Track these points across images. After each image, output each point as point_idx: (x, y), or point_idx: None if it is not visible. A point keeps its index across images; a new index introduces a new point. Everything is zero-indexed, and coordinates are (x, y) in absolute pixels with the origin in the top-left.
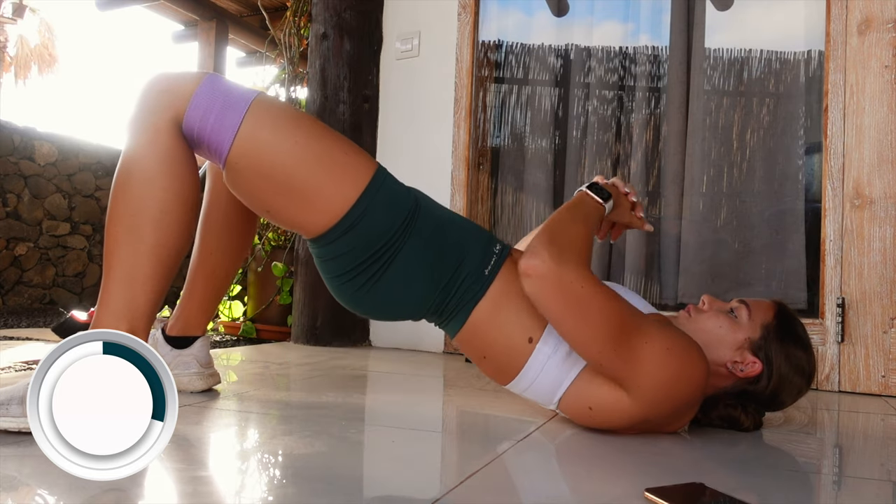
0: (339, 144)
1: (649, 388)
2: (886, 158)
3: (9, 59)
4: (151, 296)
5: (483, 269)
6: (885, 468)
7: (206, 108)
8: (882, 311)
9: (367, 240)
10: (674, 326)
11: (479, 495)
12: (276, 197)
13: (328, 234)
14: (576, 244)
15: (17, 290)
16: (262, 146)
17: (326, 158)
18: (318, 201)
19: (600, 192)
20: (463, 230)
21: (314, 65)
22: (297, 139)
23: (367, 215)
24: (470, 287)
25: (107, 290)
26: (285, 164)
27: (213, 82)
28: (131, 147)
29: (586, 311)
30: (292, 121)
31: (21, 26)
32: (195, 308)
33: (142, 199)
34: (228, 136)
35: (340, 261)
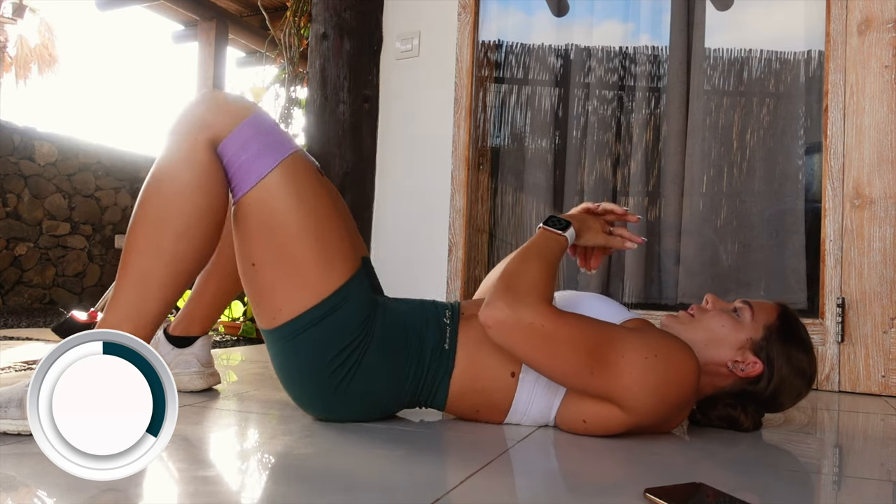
0: (339, 230)
1: (638, 399)
2: (886, 158)
3: (9, 59)
4: (162, 304)
5: (442, 344)
6: (885, 468)
7: (245, 143)
8: (882, 311)
9: (341, 331)
10: (655, 329)
11: (479, 495)
12: (267, 253)
13: (301, 317)
14: (531, 283)
15: (17, 290)
16: (279, 202)
17: (327, 240)
18: (303, 276)
19: (558, 223)
20: (410, 316)
21: (314, 65)
22: (310, 211)
23: (345, 304)
24: (439, 366)
25: (118, 292)
26: (291, 229)
27: (262, 120)
28: (168, 155)
29: (554, 347)
30: (313, 192)
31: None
32: (202, 310)
33: (170, 209)
34: (254, 178)
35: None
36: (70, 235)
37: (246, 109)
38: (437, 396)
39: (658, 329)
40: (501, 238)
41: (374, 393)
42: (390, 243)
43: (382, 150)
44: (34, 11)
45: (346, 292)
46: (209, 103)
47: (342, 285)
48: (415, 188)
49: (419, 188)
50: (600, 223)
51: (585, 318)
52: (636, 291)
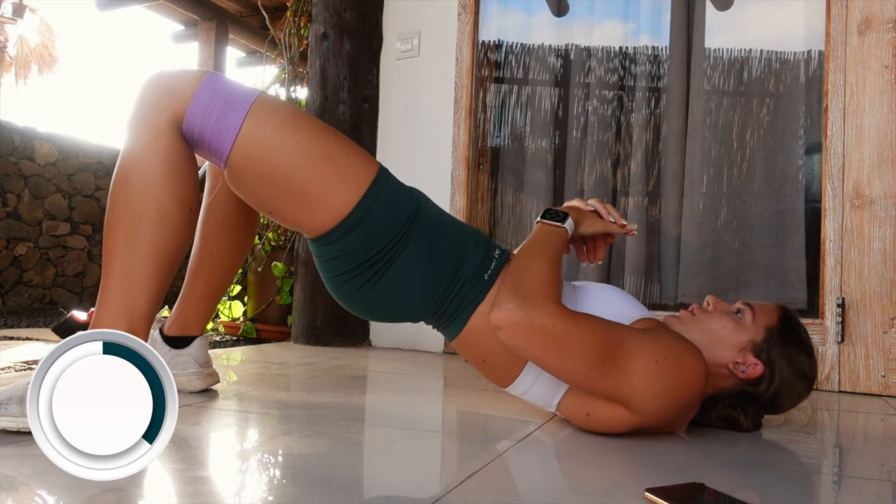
0: (341, 145)
1: (647, 401)
2: (886, 158)
3: (9, 59)
4: (150, 297)
5: (483, 273)
6: (885, 468)
7: (207, 109)
8: (882, 311)
9: (368, 240)
10: (667, 330)
11: (479, 495)
12: (277, 198)
13: (330, 234)
14: (539, 281)
15: (17, 290)
16: (264, 148)
17: (328, 160)
18: (320, 202)
19: (556, 215)
20: (463, 234)
21: (314, 65)
22: (298, 140)
23: (369, 216)
24: (469, 291)
25: (105, 290)
26: (287, 166)
27: (214, 81)
28: (130, 147)
29: (565, 348)
30: (294, 121)
31: (21, 26)
32: (194, 308)
33: (141, 201)
34: (229, 137)
35: (341, 260)
36: (70, 235)
37: (195, 77)
38: (455, 322)
39: (668, 331)
40: (501, 238)
41: (398, 297)
42: None
43: (382, 150)
44: (34, 11)
45: (367, 204)
46: (157, 84)
47: (361, 198)
48: (415, 188)
49: (419, 188)
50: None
51: (596, 318)
52: (636, 291)
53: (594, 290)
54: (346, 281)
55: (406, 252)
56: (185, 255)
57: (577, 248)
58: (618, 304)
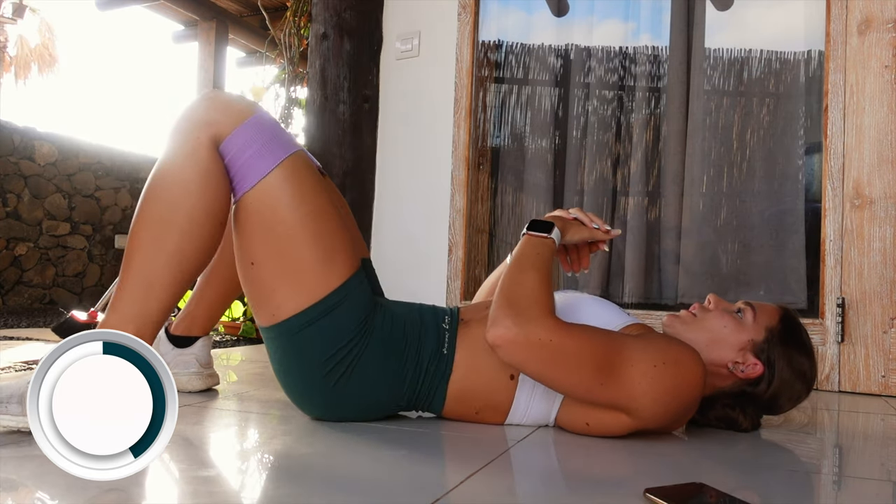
0: (339, 230)
1: (646, 407)
2: (886, 158)
3: (9, 59)
4: (164, 304)
5: (441, 348)
6: (885, 468)
7: (248, 141)
8: (882, 311)
9: (340, 331)
10: (658, 335)
11: (479, 495)
12: (267, 253)
13: (303, 314)
14: (532, 295)
15: (17, 290)
16: (280, 201)
17: (327, 240)
18: (303, 275)
19: (541, 226)
20: (409, 318)
21: (314, 65)
22: (310, 210)
23: (344, 304)
24: (436, 369)
25: (121, 292)
26: (291, 228)
27: (265, 120)
28: (170, 155)
29: (563, 361)
30: (314, 192)
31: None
32: (203, 311)
33: (173, 208)
34: (255, 177)
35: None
36: (70, 235)
37: (248, 109)
38: (434, 400)
39: (662, 334)
40: (501, 238)
41: (370, 394)
42: (390, 243)
43: (382, 150)
44: (34, 11)
45: (344, 292)
46: (211, 102)
47: (341, 285)
48: (415, 188)
49: (419, 188)
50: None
51: (591, 328)
52: (636, 291)
53: (579, 302)
54: (326, 372)
55: (369, 350)
56: (205, 269)
57: (561, 259)
58: (603, 314)
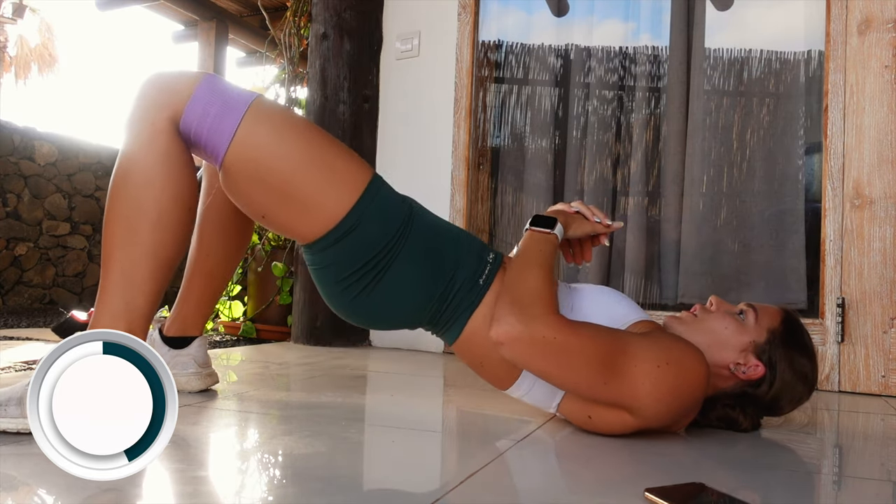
0: (336, 150)
1: (650, 406)
2: (886, 158)
3: (9, 59)
4: (150, 297)
5: (478, 278)
6: (885, 468)
7: (204, 109)
8: (882, 311)
9: (362, 248)
10: (666, 333)
11: (479, 495)
12: (271, 202)
13: (322, 240)
14: (536, 292)
15: (17, 290)
16: (259, 150)
17: (323, 164)
18: (313, 208)
19: (544, 222)
20: (457, 239)
21: (314, 65)
22: (294, 144)
23: (362, 223)
24: (465, 296)
25: (104, 291)
26: (282, 170)
27: (212, 83)
28: (129, 146)
29: (567, 359)
30: (290, 125)
31: (21, 26)
32: (192, 308)
33: (139, 200)
34: (225, 138)
35: (335, 268)
36: (70, 235)
37: (194, 78)
38: (453, 327)
39: (667, 333)
40: (501, 238)
41: (395, 304)
42: None
43: (382, 150)
44: (34, 11)
45: (361, 210)
46: (156, 83)
47: (355, 204)
48: (415, 188)
49: (419, 188)
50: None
51: (595, 326)
52: (636, 291)
53: (589, 293)
54: (343, 289)
55: (400, 259)
56: (183, 255)
57: (564, 252)
58: (614, 307)
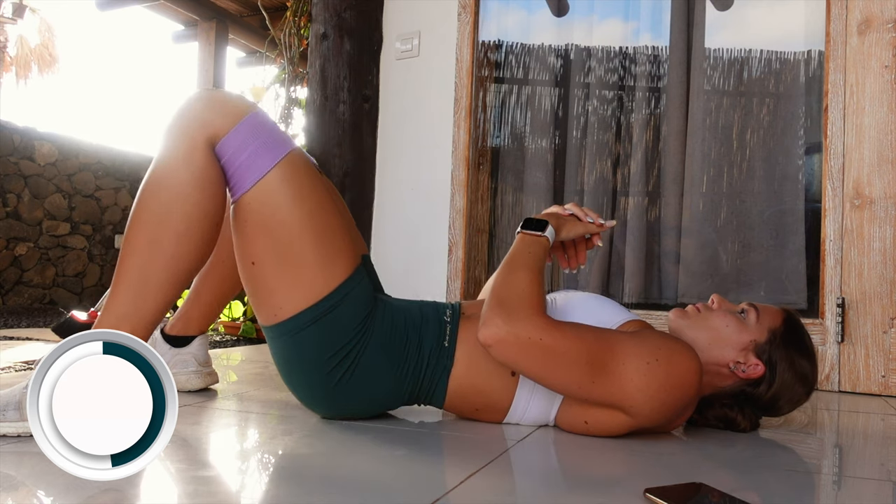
0: (340, 227)
1: (641, 404)
2: (886, 158)
3: (9, 59)
4: (160, 305)
5: (442, 341)
6: (885, 468)
7: (244, 142)
8: (882, 311)
9: (339, 329)
10: (654, 332)
11: (479, 495)
12: (267, 252)
13: (301, 315)
14: (523, 295)
15: (17, 290)
16: (279, 200)
17: (326, 238)
18: (303, 274)
19: (535, 224)
20: (409, 313)
21: (314, 65)
22: (309, 209)
23: (343, 303)
24: (437, 362)
25: (116, 292)
26: (291, 227)
27: (260, 119)
28: (165, 156)
29: (555, 360)
30: (314, 189)
31: (21, 26)
32: (199, 310)
33: (169, 210)
34: (254, 177)
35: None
36: (70, 235)
37: (245, 108)
38: (435, 394)
39: (657, 331)
40: (501, 238)
41: (373, 390)
42: (390, 243)
43: (382, 149)
44: (34, 11)
45: (345, 290)
46: (208, 101)
47: (342, 283)
48: (415, 188)
49: (419, 188)
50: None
51: (583, 326)
52: (636, 291)
53: (574, 302)
54: (327, 372)
55: (370, 347)
56: (201, 268)
57: (558, 256)
58: (601, 312)
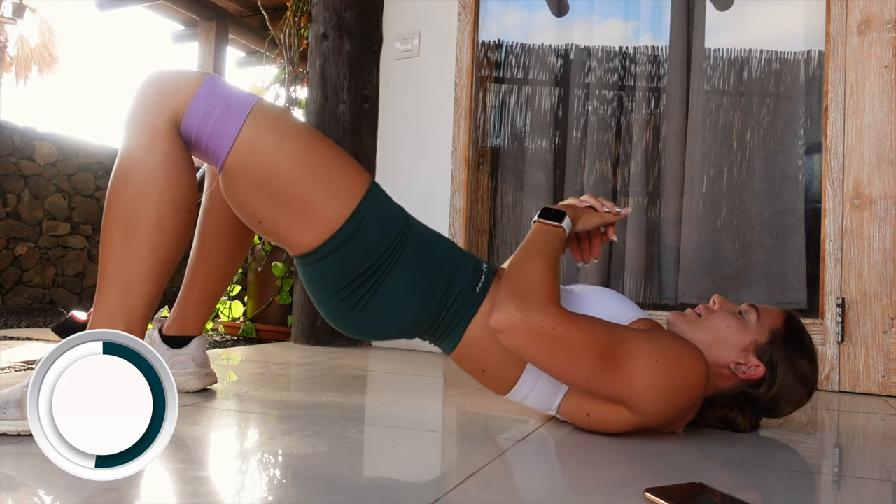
0: (336, 157)
1: (647, 401)
2: (886, 158)
3: (9, 59)
4: (148, 298)
5: (474, 286)
6: (885, 468)
7: (206, 111)
8: (882, 311)
9: (358, 257)
10: (664, 331)
11: (479, 495)
12: (269, 206)
13: (319, 249)
14: (538, 283)
15: (17, 290)
16: (261, 153)
17: (323, 170)
18: (311, 214)
19: (553, 214)
20: (451, 249)
21: (314, 65)
22: (295, 148)
23: (359, 231)
24: (463, 304)
25: (102, 291)
26: (282, 174)
27: (214, 84)
28: (129, 147)
29: (565, 350)
30: (292, 129)
31: (21, 26)
32: (192, 308)
33: (139, 202)
34: (227, 140)
35: (331, 279)
36: (70, 235)
37: (196, 78)
38: (451, 335)
39: (667, 331)
40: (501, 238)
41: (393, 314)
42: None
43: (382, 150)
44: (34, 11)
45: (359, 217)
46: (157, 84)
47: (353, 211)
48: (415, 188)
49: (419, 188)
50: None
51: (595, 319)
52: (636, 291)
53: (589, 294)
54: (339, 301)
55: (397, 268)
56: (182, 257)
57: (572, 249)
58: (614, 307)
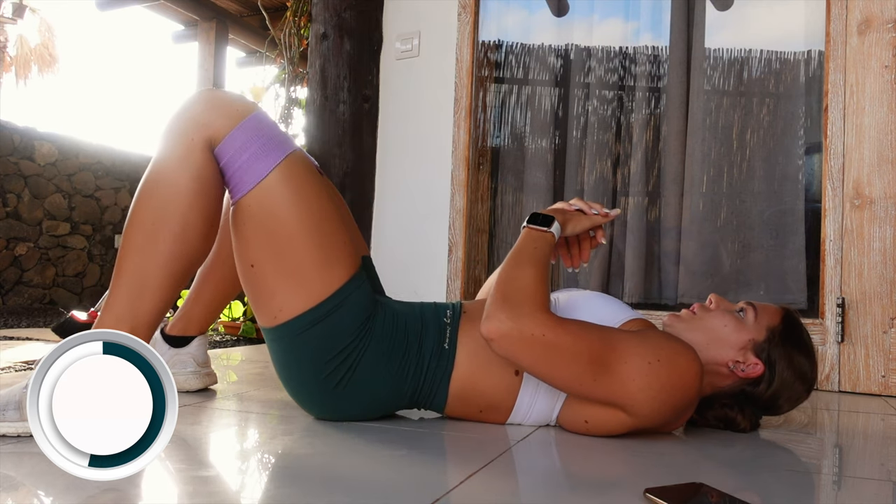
0: (339, 230)
1: (642, 403)
2: (886, 158)
3: (9, 59)
4: (158, 305)
5: (442, 344)
6: (885, 468)
7: (244, 144)
8: (882, 311)
9: (338, 333)
10: (657, 331)
11: (479, 495)
12: (267, 256)
13: (301, 318)
14: (528, 290)
15: (17, 290)
16: (279, 204)
17: (327, 241)
18: (304, 277)
19: (542, 220)
20: (410, 316)
21: (314, 65)
22: (310, 212)
23: (343, 306)
24: (437, 366)
25: (114, 293)
26: (291, 230)
27: (260, 120)
28: (163, 156)
29: (557, 356)
30: (313, 192)
31: (21, 26)
32: (200, 311)
33: (166, 210)
34: (254, 179)
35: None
36: (70, 235)
37: (245, 109)
38: (436, 398)
39: (660, 331)
40: (501, 238)
41: (372, 393)
42: (390, 243)
43: (382, 149)
44: (34, 11)
45: (345, 293)
46: (207, 102)
47: (342, 286)
48: (415, 188)
49: (419, 188)
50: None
51: (586, 324)
52: (636, 291)
53: (578, 299)
54: (323, 379)
55: (370, 350)
56: (199, 268)
57: (562, 253)
58: (604, 310)
